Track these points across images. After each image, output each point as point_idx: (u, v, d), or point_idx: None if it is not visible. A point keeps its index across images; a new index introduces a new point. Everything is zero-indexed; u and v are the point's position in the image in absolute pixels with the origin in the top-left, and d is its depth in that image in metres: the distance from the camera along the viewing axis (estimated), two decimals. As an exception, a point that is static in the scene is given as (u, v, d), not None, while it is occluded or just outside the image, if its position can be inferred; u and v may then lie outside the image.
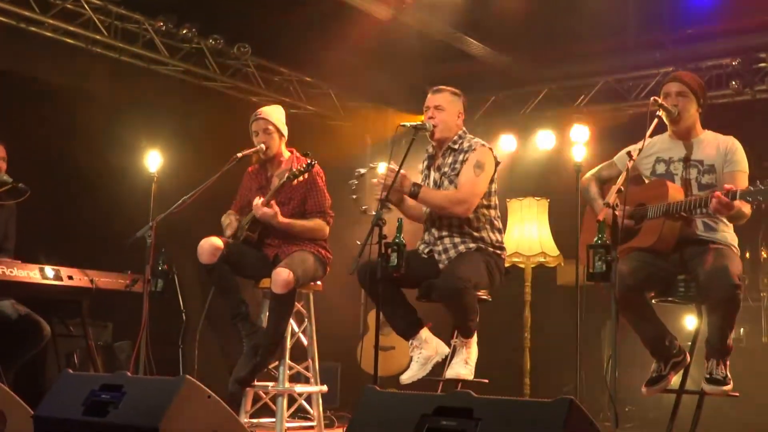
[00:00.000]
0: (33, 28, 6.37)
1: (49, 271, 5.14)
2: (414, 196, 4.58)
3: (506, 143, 8.14)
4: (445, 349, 4.64)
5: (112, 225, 6.17)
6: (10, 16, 6.20)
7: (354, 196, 4.72)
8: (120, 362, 5.97)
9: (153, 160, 5.28)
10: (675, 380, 4.36)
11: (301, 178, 4.95)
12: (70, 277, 5.22)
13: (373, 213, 4.26)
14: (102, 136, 6.72)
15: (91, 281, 5.29)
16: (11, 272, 4.98)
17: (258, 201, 4.96)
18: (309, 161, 4.99)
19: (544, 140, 8.01)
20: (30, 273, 5.06)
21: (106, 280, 5.37)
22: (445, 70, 7.44)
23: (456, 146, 4.72)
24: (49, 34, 6.46)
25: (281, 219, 4.94)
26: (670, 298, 4.37)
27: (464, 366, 4.56)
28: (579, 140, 6.16)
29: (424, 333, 4.65)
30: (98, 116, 6.80)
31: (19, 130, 5.90)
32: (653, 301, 4.37)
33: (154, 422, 2.85)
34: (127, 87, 7.10)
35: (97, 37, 6.64)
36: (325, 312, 5.55)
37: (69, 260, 5.36)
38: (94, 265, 5.43)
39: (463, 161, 4.65)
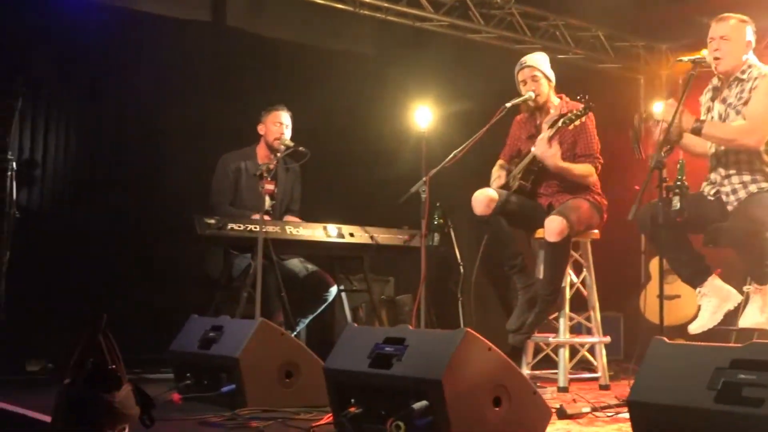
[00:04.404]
0: (305, -4, 6.62)
1: (332, 229, 5.36)
2: (697, 132, 4.28)
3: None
4: (738, 297, 4.34)
5: (388, 182, 6.32)
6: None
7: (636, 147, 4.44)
8: (403, 315, 6.14)
9: (422, 117, 5.33)
10: None
11: (578, 122, 4.79)
12: (352, 234, 5.42)
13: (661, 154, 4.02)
14: (373, 96, 6.90)
15: (372, 237, 5.47)
16: (297, 231, 5.25)
17: (543, 136, 4.84)
18: (585, 104, 4.82)
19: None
20: (314, 231, 5.30)
21: (385, 236, 5.53)
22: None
23: (744, 76, 4.34)
24: (319, 0, 6.68)
25: (560, 162, 4.81)
26: None
27: (760, 314, 4.23)
28: None
29: (714, 280, 4.37)
30: (368, 77, 6.98)
31: (298, 95, 6.17)
32: None
33: (436, 375, 2.87)
34: (394, 46, 7.22)
35: (364, -1, 6.80)
36: (604, 261, 5.37)
37: (350, 218, 5.57)
38: (373, 222, 5.60)
39: (752, 89, 4.27)
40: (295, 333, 5.34)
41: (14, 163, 5.05)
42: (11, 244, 5.00)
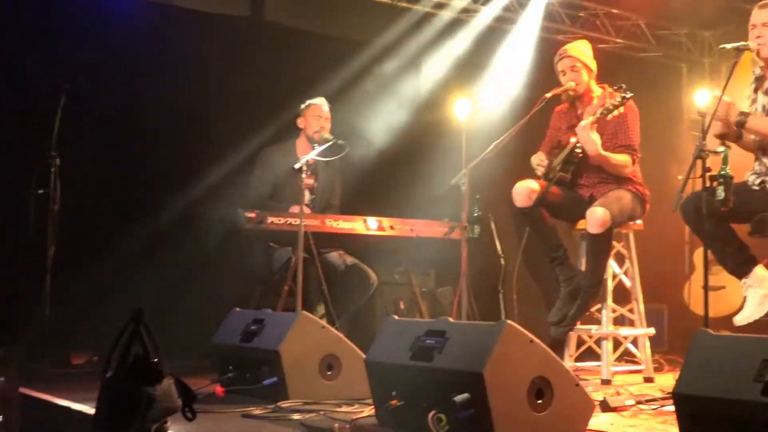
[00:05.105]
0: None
1: (372, 222, 5.35)
2: (741, 125, 4.21)
3: None
4: (785, 288, 4.27)
5: (428, 174, 6.30)
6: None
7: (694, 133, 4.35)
8: (443, 308, 6.13)
9: (462, 109, 5.30)
10: None
11: (616, 113, 4.73)
12: (392, 227, 5.41)
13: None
14: (412, 89, 6.88)
15: (412, 230, 5.45)
16: (337, 225, 5.25)
17: (584, 123, 4.78)
18: (623, 94, 4.76)
19: None
20: (354, 225, 5.30)
21: (425, 229, 5.51)
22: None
23: (789, 66, 4.26)
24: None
25: (601, 150, 4.75)
26: None
27: (807, 305, 4.17)
28: None
29: (759, 270, 4.30)
30: (408, 70, 6.96)
31: (337, 89, 6.17)
32: None
33: (477, 367, 2.86)
34: (434, 39, 7.18)
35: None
36: (647, 252, 5.32)
37: (389, 211, 5.56)
38: (413, 214, 5.59)
39: (797, 81, 4.20)
40: (336, 326, 5.35)
41: (57, 160, 5.11)
42: (55, 240, 5.06)
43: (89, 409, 3.48)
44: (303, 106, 5.71)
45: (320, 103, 5.69)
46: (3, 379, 3.27)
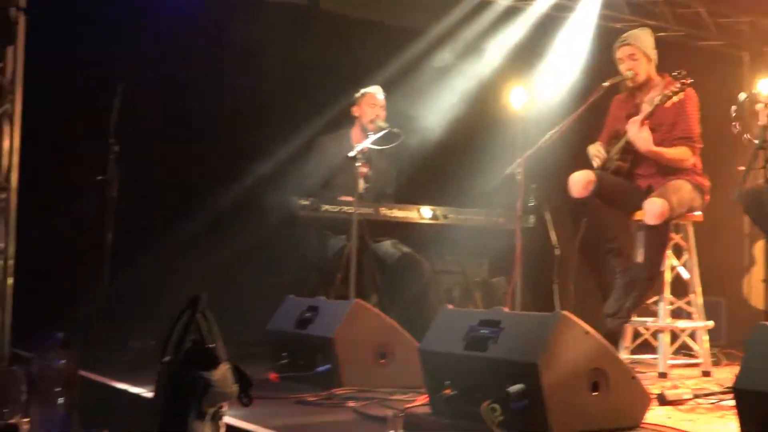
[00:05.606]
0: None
1: (426, 210, 5.35)
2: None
3: None
4: None
5: (483, 163, 6.27)
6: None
7: (734, 124, 4.32)
8: (497, 298, 6.09)
9: (518, 97, 5.26)
10: None
11: (675, 99, 4.65)
12: (446, 216, 5.40)
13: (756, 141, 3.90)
14: (468, 77, 6.83)
15: (466, 219, 5.43)
16: (391, 213, 5.25)
17: (636, 118, 4.72)
18: (683, 81, 4.68)
19: None
20: (408, 213, 5.30)
21: (479, 218, 5.49)
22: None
23: None
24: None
25: (652, 147, 4.69)
26: None
27: None
28: None
29: (823, 264, 4.21)
30: (464, 57, 6.91)
31: (392, 78, 6.17)
32: None
33: (532, 358, 2.84)
34: (489, 26, 7.13)
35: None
36: (706, 244, 5.23)
37: (444, 200, 5.54)
38: (468, 203, 5.56)
39: None
40: (389, 314, 5.35)
41: (116, 147, 5.18)
42: (113, 226, 5.14)
43: (147, 393, 3.53)
44: (358, 94, 5.71)
45: (375, 91, 5.68)
46: (64, 361, 3.34)
